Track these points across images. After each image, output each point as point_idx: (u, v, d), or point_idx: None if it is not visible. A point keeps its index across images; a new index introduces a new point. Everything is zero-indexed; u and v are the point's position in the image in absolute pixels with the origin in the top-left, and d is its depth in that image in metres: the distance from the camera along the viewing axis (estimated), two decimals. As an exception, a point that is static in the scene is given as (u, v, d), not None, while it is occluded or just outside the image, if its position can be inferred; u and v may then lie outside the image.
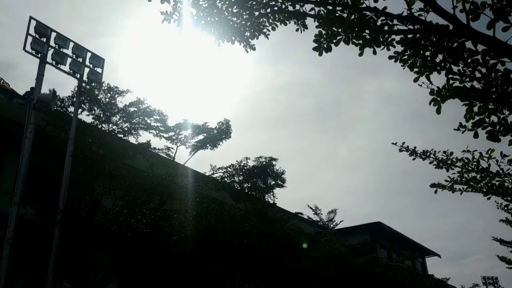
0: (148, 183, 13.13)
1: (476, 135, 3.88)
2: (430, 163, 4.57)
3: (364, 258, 19.37)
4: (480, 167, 4.30)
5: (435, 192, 4.87)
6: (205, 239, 14.04)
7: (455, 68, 3.89)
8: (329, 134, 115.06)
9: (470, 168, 4.37)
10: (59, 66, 12.45)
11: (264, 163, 16.57)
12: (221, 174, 15.11)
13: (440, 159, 4.48)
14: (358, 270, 17.73)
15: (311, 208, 31.10)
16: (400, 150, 4.61)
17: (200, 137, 14.32)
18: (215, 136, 14.09)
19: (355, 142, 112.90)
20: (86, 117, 13.89)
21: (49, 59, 12.39)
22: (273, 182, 17.81)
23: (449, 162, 4.46)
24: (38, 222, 14.15)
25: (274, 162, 16.95)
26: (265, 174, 16.84)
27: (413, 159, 4.61)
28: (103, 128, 13.63)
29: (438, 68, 3.85)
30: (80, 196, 13.58)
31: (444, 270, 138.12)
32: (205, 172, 15.24)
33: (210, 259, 15.21)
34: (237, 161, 15.42)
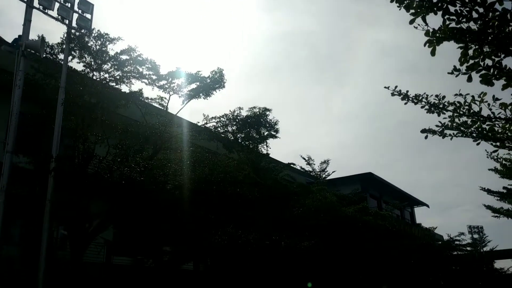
0: (141, 132, 13.12)
1: (469, 79, 3.85)
2: (422, 107, 4.57)
3: (354, 207, 19.81)
4: (472, 111, 4.30)
5: (426, 137, 4.90)
6: (198, 188, 14.22)
7: (452, 9, 3.82)
8: (324, 86, 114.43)
9: (461, 112, 4.37)
10: (46, 11, 12.06)
11: (258, 113, 16.52)
12: (214, 124, 15.09)
13: (432, 103, 4.48)
14: (348, 219, 18.17)
15: (304, 158, 31.40)
16: (393, 94, 4.58)
17: (193, 86, 14.17)
18: (208, 85, 13.94)
19: (350, 94, 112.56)
20: (76, 64, 13.66)
21: (36, 4, 11.99)
22: (266, 133, 17.84)
23: (440, 106, 4.46)
24: (32, 171, 14.23)
25: (267, 113, 16.90)
26: (258, 125, 16.83)
27: (405, 103, 4.61)
28: (94, 77, 13.43)
29: (435, 8, 3.76)
30: (73, 145, 13.59)
31: (432, 219, 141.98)
32: (198, 122, 15.20)
33: (203, 207, 15.49)
34: (230, 111, 15.36)
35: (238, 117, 15.27)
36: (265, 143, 17.55)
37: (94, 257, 19.95)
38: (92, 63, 13.18)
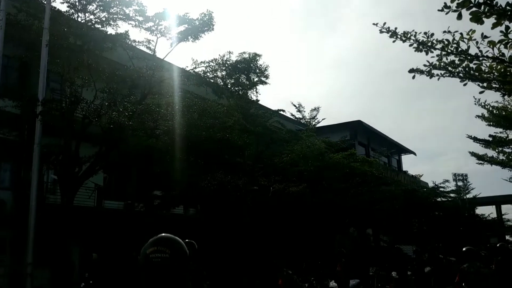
0: (128, 76, 12.92)
1: (459, 17, 3.79)
2: (410, 45, 4.53)
3: (342, 153, 20.06)
4: (460, 49, 4.28)
5: (413, 77, 4.89)
6: (188, 133, 14.24)
7: None
8: (316, 33, 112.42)
9: (449, 51, 4.34)
10: None
11: (248, 58, 16.30)
12: (203, 68, 14.88)
13: (420, 41, 4.44)
14: (335, 165, 18.45)
15: (294, 105, 31.40)
16: (381, 32, 4.52)
17: (181, 28, 13.82)
18: (196, 27, 13.59)
19: (341, 42, 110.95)
20: (60, 5, 13.18)
21: None
22: (256, 79, 17.70)
23: (429, 44, 4.42)
24: (18, 115, 14.09)
25: (258, 58, 16.69)
26: (248, 70, 16.66)
27: (394, 41, 4.55)
28: (79, 18, 13.01)
29: None
30: (59, 88, 13.39)
31: (418, 167, 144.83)
32: (187, 67, 14.98)
33: (193, 152, 15.59)
34: (219, 55, 15.12)
35: (228, 62, 15.07)
36: (254, 89, 17.46)
37: (85, 201, 20.22)
38: (77, 3, 12.73)
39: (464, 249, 7.70)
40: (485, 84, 4.77)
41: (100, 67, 13.07)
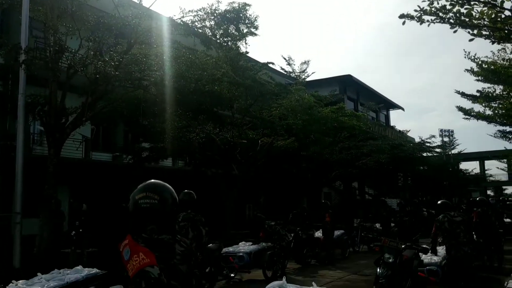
0: (114, 24, 12.54)
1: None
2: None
3: (330, 108, 20.07)
4: (451, -8, 4.21)
5: (403, 23, 4.84)
6: (176, 84, 14.07)
7: None
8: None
9: (441, -6, 4.28)
10: None
11: (237, 8, 15.85)
12: (191, 18, 14.45)
13: (411, -16, 4.36)
14: (324, 118, 18.50)
15: (284, 58, 31.11)
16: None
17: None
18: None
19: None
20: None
21: None
22: (246, 30, 17.31)
23: (420, -13, 4.34)
24: (2, 64, 13.76)
25: (247, 8, 16.23)
26: (237, 20, 16.24)
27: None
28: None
29: None
30: (43, 37, 13.03)
31: (406, 123, 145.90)
32: (174, 16, 14.54)
33: (181, 104, 15.47)
34: (208, 4, 14.66)
35: (216, 12, 14.64)
36: (244, 40, 17.10)
37: (72, 153, 20.17)
38: None
39: (439, 202, 8.35)
40: (475, 32, 4.73)
41: (84, 15, 12.68)
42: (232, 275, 10.54)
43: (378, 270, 6.39)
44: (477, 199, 14.98)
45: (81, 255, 11.24)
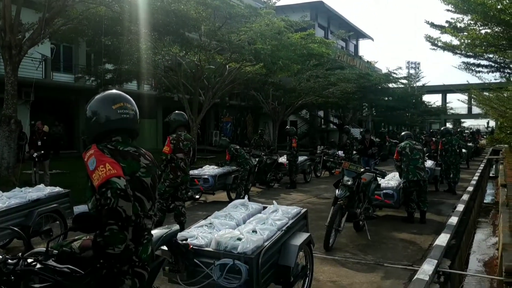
0: None
1: None
2: None
3: (300, 33, 19.71)
4: None
5: None
6: (140, 2, 13.36)
7: None
8: None
9: None
10: None
11: None
12: None
13: None
14: (293, 45, 18.19)
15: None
16: None
17: None
18: None
19: None
20: None
21: None
22: None
23: None
24: None
25: None
26: None
27: None
28: None
29: None
30: None
31: (375, 55, 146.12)
32: None
33: (146, 23, 14.80)
34: None
35: None
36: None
37: (32, 73, 19.32)
38: None
39: (403, 133, 9.06)
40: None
41: None
42: (197, 197, 10.79)
43: (337, 191, 6.63)
44: (441, 128, 15.92)
45: (44, 176, 11.14)
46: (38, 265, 2.10)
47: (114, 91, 2.53)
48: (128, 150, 2.37)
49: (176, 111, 6.95)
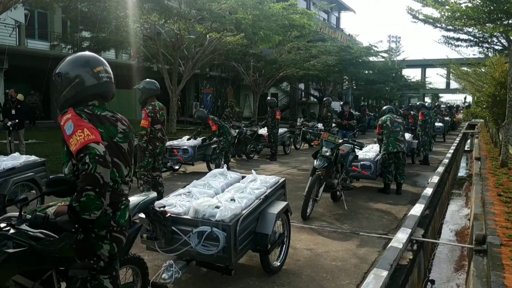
0: None
1: None
2: None
3: (282, 3, 19.43)
4: None
5: None
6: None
7: None
8: None
9: None
10: None
11: None
12: None
13: None
14: (274, 15, 17.92)
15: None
16: None
17: None
18: None
19: None
20: None
21: None
22: None
23: None
24: None
25: None
26: None
27: None
28: None
29: None
30: None
31: (356, 28, 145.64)
32: None
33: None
34: None
35: None
36: None
37: (5, 39, 18.69)
38: None
39: (384, 107, 9.12)
40: None
41: None
42: (176, 167, 10.76)
43: (316, 162, 6.69)
44: (417, 103, 16.51)
45: (19, 145, 10.93)
46: (12, 230, 2.07)
47: (87, 52, 2.46)
48: (105, 115, 2.32)
49: (147, 79, 6.53)
